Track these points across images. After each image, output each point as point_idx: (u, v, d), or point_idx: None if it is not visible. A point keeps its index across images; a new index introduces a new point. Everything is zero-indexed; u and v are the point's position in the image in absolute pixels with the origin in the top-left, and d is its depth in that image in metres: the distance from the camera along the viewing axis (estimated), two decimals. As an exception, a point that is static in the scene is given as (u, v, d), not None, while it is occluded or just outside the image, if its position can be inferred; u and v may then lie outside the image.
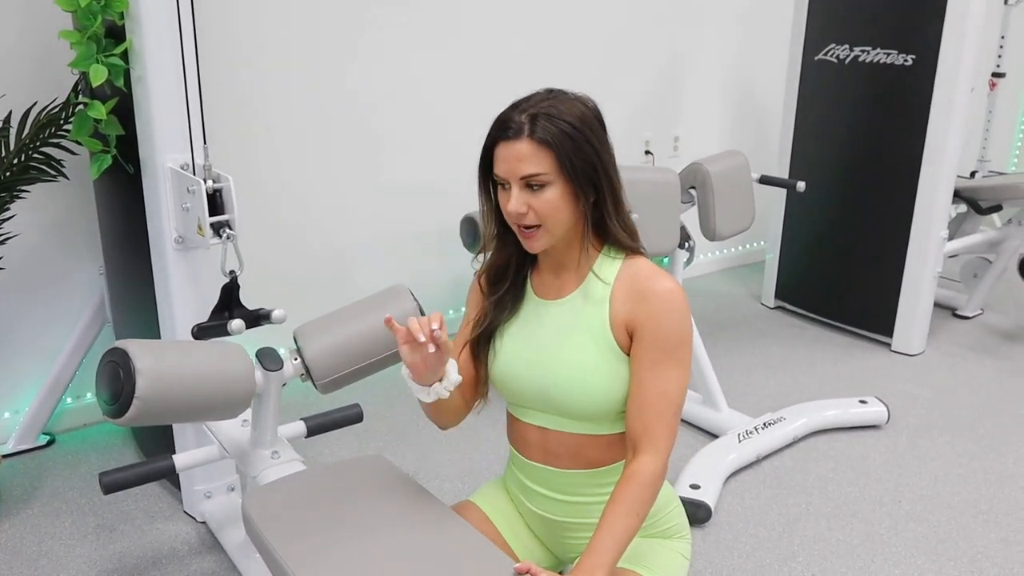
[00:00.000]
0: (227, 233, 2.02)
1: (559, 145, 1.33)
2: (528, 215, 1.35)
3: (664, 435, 1.38)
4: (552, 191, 1.34)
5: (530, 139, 1.32)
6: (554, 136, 1.32)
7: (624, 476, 1.37)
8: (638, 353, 1.39)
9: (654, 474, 1.36)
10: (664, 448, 1.38)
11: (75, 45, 2.08)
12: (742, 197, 2.92)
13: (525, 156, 1.32)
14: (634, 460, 1.37)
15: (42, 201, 2.70)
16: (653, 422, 1.37)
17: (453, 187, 3.57)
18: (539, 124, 1.33)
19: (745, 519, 2.51)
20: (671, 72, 4.21)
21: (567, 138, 1.33)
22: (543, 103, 1.35)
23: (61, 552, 2.33)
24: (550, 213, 1.35)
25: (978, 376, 3.47)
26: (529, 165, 1.33)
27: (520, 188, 1.34)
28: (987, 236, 3.96)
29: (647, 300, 1.38)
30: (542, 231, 1.37)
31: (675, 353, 1.38)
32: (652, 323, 1.37)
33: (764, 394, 3.30)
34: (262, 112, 3.08)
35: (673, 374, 1.38)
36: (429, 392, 1.39)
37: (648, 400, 1.37)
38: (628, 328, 1.40)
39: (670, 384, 1.38)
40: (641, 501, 1.35)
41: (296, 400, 3.03)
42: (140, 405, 1.60)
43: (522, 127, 1.33)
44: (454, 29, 3.44)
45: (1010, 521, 2.51)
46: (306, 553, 1.39)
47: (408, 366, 1.36)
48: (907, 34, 3.44)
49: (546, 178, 1.33)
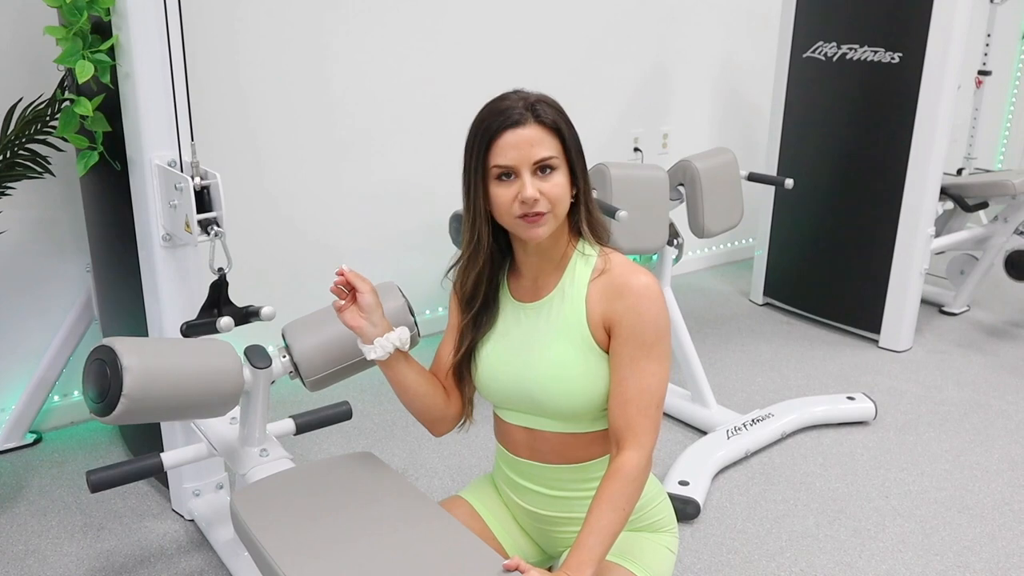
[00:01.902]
0: (215, 230, 2.01)
1: (564, 128, 1.37)
2: (541, 201, 1.36)
3: (647, 430, 1.38)
4: (560, 175, 1.37)
5: (538, 123, 1.35)
6: (556, 120, 1.37)
7: (609, 472, 1.38)
8: (617, 349, 1.40)
9: (638, 468, 1.37)
10: (647, 443, 1.38)
11: (61, 41, 2.07)
12: (730, 194, 2.93)
13: (537, 140, 1.35)
14: (618, 455, 1.38)
15: (28, 198, 2.69)
16: (635, 417, 1.38)
17: (441, 184, 3.57)
18: (541, 109, 1.36)
19: (733, 515, 2.52)
20: (660, 69, 4.21)
21: (566, 123, 1.38)
22: (530, 94, 1.39)
23: (48, 551, 2.32)
24: (560, 197, 1.37)
25: (965, 372, 3.49)
26: (542, 148, 1.35)
27: (531, 174, 1.35)
28: (974, 233, 3.98)
29: (623, 296, 1.39)
30: (549, 217, 1.38)
31: (654, 348, 1.38)
32: (629, 319, 1.38)
33: (753, 391, 3.31)
34: (250, 109, 3.07)
35: (653, 368, 1.38)
36: (374, 348, 1.47)
37: (630, 396, 1.38)
38: (605, 325, 1.41)
39: (651, 379, 1.38)
40: (626, 496, 1.35)
41: (285, 398, 3.03)
42: (127, 403, 1.59)
43: (525, 114, 1.35)
44: (440, 28, 3.44)
45: (996, 516, 2.53)
46: (294, 550, 1.39)
47: (354, 330, 1.47)
48: (894, 32, 3.45)
49: (557, 161, 1.37)
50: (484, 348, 1.51)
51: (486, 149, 1.36)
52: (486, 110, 1.39)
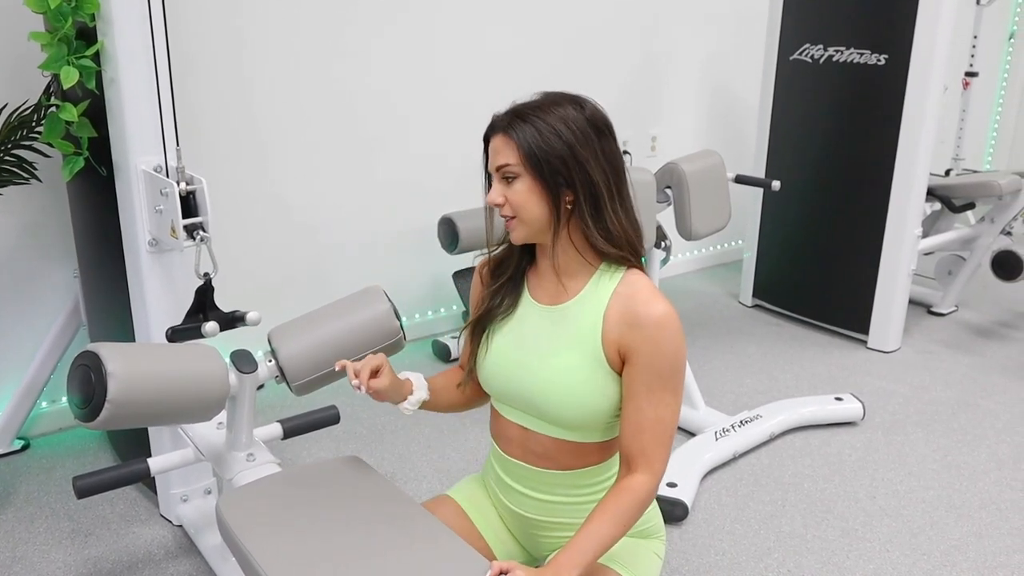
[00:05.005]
0: (201, 235, 2.01)
1: (524, 138, 1.39)
2: (505, 206, 1.42)
3: (660, 458, 1.42)
4: (520, 183, 1.41)
5: (503, 133, 1.41)
6: (520, 131, 1.39)
7: (617, 488, 1.40)
8: (633, 377, 1.40)
9: (647, 492, 1.40)
10: (660, 470, 1.42)
11: (46, 47, 2.06)
12: (718, 196, 2.94)
13: (499, 149, 1.42)
14: (629, 475, 1.41)
15: (14, 204, 2.68)
16: (650, 445, 1.40)
17: (430, 188, 3.57)
18: (513, 120, 1.41)
19: (722, 516, 2.52)
20: (648, 73, 4.22)
21: (536, 133, 1.39)
22: (528, 103, 1.43)
23: (35, 558, 2.31)
24: (521, 204, 1.41)
25: (952, 372, 3.50)
26: (500, 156, 1.41)
27: (498, 179, 1.43)
28: (961, 233, 4.01)
29: (641, 326, 1.39)
30: (516, 222, 1.43)
31: (670, 380, 1.40)
32: (647, 350, 1.39)
33: (741, 392, 3.32)
34: (236, 113, 3.07)
35: (668, 399, 1.41)
36: (399, 407, 1.56)
37: (645, 425, 1.40)
38: (620, 350, 1.41)
39: (666, 410, 1.41)
40: (629, 514, 1.39)
41: (273, 402, 3.02)
42: (112, 408, 1.59)
43: (501, 123, 1.42)
44: (433, 30, 3.44)
45: (983, 515, 2.54)
46: (280, 555, 1.39)
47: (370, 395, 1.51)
48: (880, 34, 3.47)
49: (515, 169, 1.40)
50: (495, 335, 1.53)
51: (484, 150, 1.46)
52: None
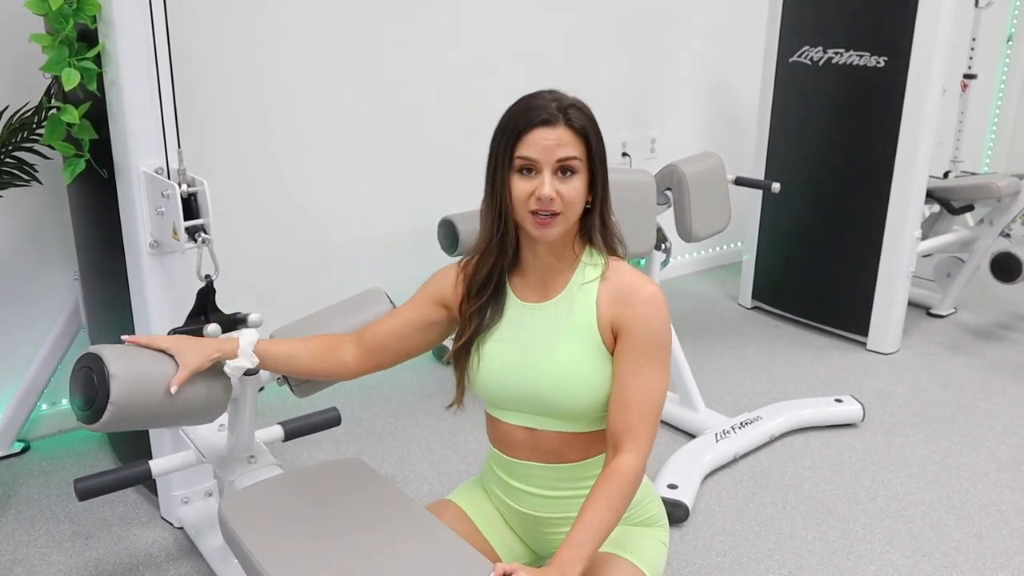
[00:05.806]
0: (202, 237, 2.01)
1: (591, 136, 1.40)
2: (556, 201, 1.38)
3: (646, 435, 1.42)
4: (579, 180, 1.40)
5: (567, 126, 1.38)
6: (585, 126, 1.40)
7: (606, 472, 1.40)
8: (621, 354, 1.42)
9: (636, 471, 1.40)
10: (646, 448, 1.42)
11: (47, 49, 2.06)
12: (718, 198, 2.94)
13: (564, 141, 1.38)
14: (616, 457, 1.40)
15: (15, 206, 2.68)
16: (636, 422, 1.40)
17: (429, 190, 3.57)
18: (572, 113, 1.40)
19: (722, 518, 2.52)
20: (648, 75, 4.23)
21: (595, 131, 1.41)
22: (564, 97, 1.42)
23: (36, 560, 2.31)
24: (574, 200, 1.40)
25: (952, 374, 3.51)
26: (568, 148, 1.38)
27: (552, 173, 1.38)
28: (960, 235, 4.01)
29: (632, 303, 1.42)
30: (560, 219, 1.41)
31: (658, 355, 1.42)
32: (637, 326, 1.41)
33: (741, 394, 3.32)
34: (237, 115, 3.07)
35: (655, 375, 1.42)
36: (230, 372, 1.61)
37: (631, 401, 1.41)
38: (614, 329, 1.44)
39: (652, 385, 1.41)
40: (621, 497, 1.38)
41: (274, 404, 3.01)
42: (114, 410, 1.58)
43: (556, 115, 1.38)
44: (431, 33, 3.44)
45: (983, 517, 2.54)
46: (282, 557, 1.39)
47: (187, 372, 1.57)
48: (879, 36, 3.48)
49: (579, 164, 1.39)
50: (487, 346, 1.51)
51: (514, 140, 1.39)
52: (520, 104, 1.42)
